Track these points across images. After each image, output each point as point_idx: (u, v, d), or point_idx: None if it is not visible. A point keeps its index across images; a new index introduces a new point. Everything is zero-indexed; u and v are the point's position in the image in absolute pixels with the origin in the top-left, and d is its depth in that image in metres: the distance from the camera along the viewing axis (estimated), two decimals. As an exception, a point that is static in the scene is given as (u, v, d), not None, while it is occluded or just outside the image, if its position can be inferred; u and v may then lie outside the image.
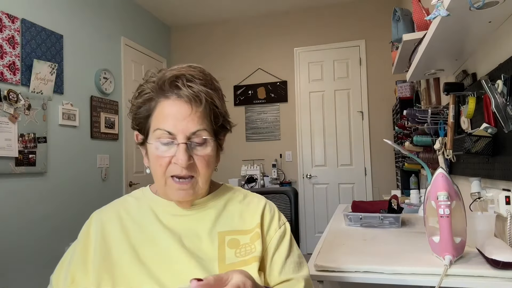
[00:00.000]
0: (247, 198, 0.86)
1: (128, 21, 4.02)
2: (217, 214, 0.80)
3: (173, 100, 0.73)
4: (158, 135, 0.73)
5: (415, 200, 2.14)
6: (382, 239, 1.35)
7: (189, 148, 0.73)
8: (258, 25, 4.61)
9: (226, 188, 0.88)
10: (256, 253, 0.76)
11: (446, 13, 1.04)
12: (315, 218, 4.31)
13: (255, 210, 0.82)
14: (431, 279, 0.96)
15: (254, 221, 0.80)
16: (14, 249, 2.58)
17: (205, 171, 0.75)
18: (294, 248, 0.82)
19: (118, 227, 0.77)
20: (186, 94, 0.72)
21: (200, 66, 0.79)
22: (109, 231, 0.77)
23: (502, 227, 1.20)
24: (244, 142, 4.53)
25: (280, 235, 0.80)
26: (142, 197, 0.84)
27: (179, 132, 0.72)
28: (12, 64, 2.59)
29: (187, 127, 0.72)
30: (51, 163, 2.90)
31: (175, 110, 0.72)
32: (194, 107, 0.72)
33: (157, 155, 0.74)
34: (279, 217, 0.84)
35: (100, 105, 3.48)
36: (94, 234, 0.77)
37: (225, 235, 0.77)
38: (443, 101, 2.11)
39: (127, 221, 0.79)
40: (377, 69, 4.20)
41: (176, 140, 0.72)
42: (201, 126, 0.73)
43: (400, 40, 2.01)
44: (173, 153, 0.73)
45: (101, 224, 0.78)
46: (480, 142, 1.26)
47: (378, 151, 4.17)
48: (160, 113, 0.74)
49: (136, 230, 0.77)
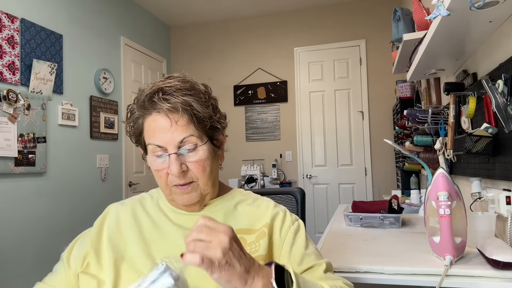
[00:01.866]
0: (258, 201, 0.88)
1: (127, 21, 4.02)
2: (227, 215, 0.83)
3: (154, 115, 0.76)
4: (151, 150, 0.77)
5: (415, 200, 2.14)
6: (383, 239, 1.35)
7: (180, 157, 0.76)
8: (258, 25, 4.61)
9: (236, 191, 0.91)
10: (260, 251, 0.76)
11: (446, 12, 1.03)
12: (315, 218, 4.30)
13: (265, 211, 0.84)
14: (431, 279, 0.95)
15: (262, 221, 0.82)
16: (14, 249, 2.57)
17: (202, 175, 0.77)
18: (311, 242, 0.84)
19: (133, 220, 0.82)
20: (163, 108, 0.74)
21: (181, 75, 0.81)
22: (124, 223, 0.82)
23: (502, 227, 1.20)
24: (244, 142, 4.53)
25: (295, 229, 0.82)
26: (158, 197, 0.88)
27: (167, 143, 0.75)
28: (11, 64, 2.59)
29: (173, 137, 0.75)
30: (50, 163, 2.90)
31: (158, 124, 0.75)
32: (173, 118, 0.75)
33: (155, 169, 0.78)
34: (291, 215, 0.86)
35: (99, 105, 3.47)
36: (108, 224, 0.82)
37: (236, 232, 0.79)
38: (443, 101, 2.11)
39: (141, 215, 0.83)
40: (377, 69, 4.20)
41: (167, 151, 0.76)
42: (186, 133, 0.75)
43: (400, 39, 2.01)
44: (167, 164, 0.76)
45: (116, 216, 0.83)
46: (481, 142, 1.25)
47: (378, 151, 4.17)
48: (147, 129, 0.78)
49: (149, 226, 0.81)
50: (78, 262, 0.78)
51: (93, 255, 0.78)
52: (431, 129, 1.84)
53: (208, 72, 4.58)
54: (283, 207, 0.88)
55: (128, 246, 0.78)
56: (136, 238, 0.78)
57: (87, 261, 0.78)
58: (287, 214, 0.85)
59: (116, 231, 0.80)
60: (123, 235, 0.80)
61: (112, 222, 0.82)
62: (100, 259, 0.77)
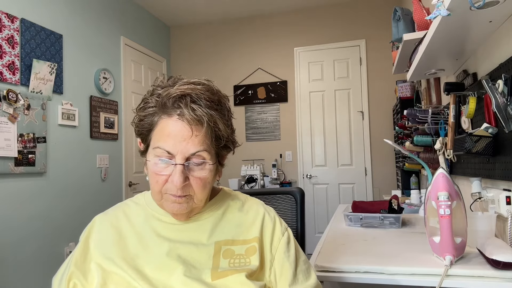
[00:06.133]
0: (246, 204, 0.86)
1: (128, 21, 4.02)
2: (214, 224, 0.80)
3: (174, 120, 0.72)
4: (157, 153, 0.73)
5: (415, 200, 2.13)
6: (383, 240, 1.35)
7: (186, 169, 0.72)
8: (258, 25, 4.61)
9: (225, 194, 0.88)
10: (251, 267, 0.75)
11: (446, 12, 1.03)
12: (315, 218, 4.30)
13: (254, 220, 0.82)
14: (431, 280, 0.95)
15: (252, 232, 0.80)
16: (14, 249, 2.57)
17: (201, 192, 0.75)
18: (301, 254, 0.82)
19: (118, 234, 0.79)
20: (187, 116, 0.70)
21: (210, 83, 0.77)
22: (109, 237, 0.78)
23: (502, 227, 1.20)
24: (244, 142, 4.53)
25: (285, 243, 0.81)
26: (143, 203, 0.84)
27: (178, 152, 0.71)
28: (11, 64, 2.59)
29: (187, 148, 0.71)
30: (50, 163, 2.90)
31: (176, 130, 0.71)
32: (195, 130, 0.71)
33: (155, 173, 0.74)
34: (280, 223, 0.84)
35: (99, 105, 3.47)
36: (94, 239, 0.78)
37: (222, 245, 0.78)
38: (443, 101, 2.11)
39: (126, 227, 0.80)
40: (377, 69, 4.20)
41: (174, 159, 0.72)
42: (201, 147, 0.72)
43: (400, 39, 2.01)
44: (170, 172, 0.72)
45: (101, 230, 0.80)
46: (481, 142, 1.25)
47: (378, 151, 4.17)
48: (161, 130, 0.73)
49: (134, 238, 0.78)
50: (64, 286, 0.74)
51: (78, 274, 0.74)
52: (431, 129, 1.84)
53: (208, 72, 4.58)
54: (272, 212, 0.86)
55: (115, 261, 0.74)
56: (121, 253, 0.75)
57: (73, 282, 0.74)
58: (276, 223, 0.83)
59: (101, 246, 0.77)
60: (109, 250, 0.76)
61: (97, 236, 0.79)
62: (87, 277, 0.74)
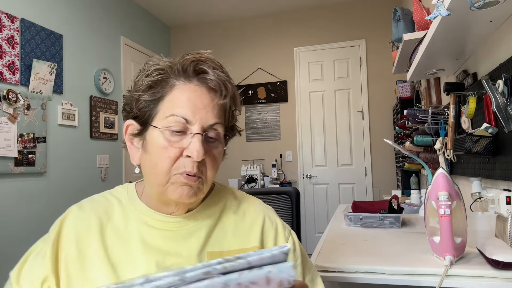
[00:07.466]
0: (242, 206, 0.77)
1: (127, 21, 4.02)
2: (208, 231, 0.71)
3: (195, 85, 0.65)
4: (170, 122, 0.63)
5: (415, 200, 2.13)
6: (383, 240, 1.35)
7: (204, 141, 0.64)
8: (258, 25, 4.61)
9: (221, 191, 0.78)
10: None
11: (446, 12, 1.03)
12: (315, 218, 4.30)
13: (252, 225, 0.74)
14: (431, 280, 0.95)
15: (251, 240, 0.72)
16: (14, 249, 2.57)
17: (211, 172, 0.67)
18: (307, 260, 0.77)
19: (98, 236, 0.67)
20: (212, 80, 0.64)
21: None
22: (87, 239, 0.67)
23: (502, 227, 1.20)
24: (244, 142, 4.53)
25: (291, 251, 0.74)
26: (127, 202, 0.72)
27: (197, 121, 0.63)
28: (11, 64, 2.59)
29: (206, 117, 0.64)
30: (50, 163, 2.90)
31: (195, 96, 0.64)
32: (216, 97, 0.65)
33: (165, 146, 0.63)
34: (283, 228, 0.76)
35: (99, 105, 3.47)
36: (67, 237, 0.67)
37: (215, 256, 0.69)
38: (443, 101, 2.11)
39: (108, 231, 0.68)
40: (377, 69, 4.20)
41: (190, 130, 0.63)
42: (219, 119, 0.66)
43: (400, 39, 2.01)
44: (184, 144, 0.63)
45: (77, 227, 0.67)
46: (481, 142, 1.25)
47: (378, 151, 4.17)
48: (176, 97, 0.64)
49: (116, 244, 0.67)
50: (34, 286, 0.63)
51: (52, 278, 0.63)
52: (431, 129, 1.84)
53: (208, 72, 4.58)
54: (272, 214, 0.78)
55: (93, 267, 0.64)
56: (100, 258, 0.65)
57: (47, 285, 0.63)
58: (279, 229, 0.75)
59: (76, 247, 0.66)
60: (86, 253, 0.65)
61: (73, 234, 0.66)
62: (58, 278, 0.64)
